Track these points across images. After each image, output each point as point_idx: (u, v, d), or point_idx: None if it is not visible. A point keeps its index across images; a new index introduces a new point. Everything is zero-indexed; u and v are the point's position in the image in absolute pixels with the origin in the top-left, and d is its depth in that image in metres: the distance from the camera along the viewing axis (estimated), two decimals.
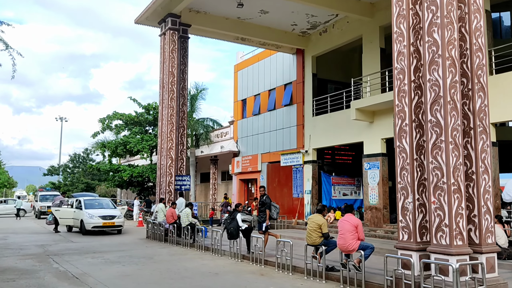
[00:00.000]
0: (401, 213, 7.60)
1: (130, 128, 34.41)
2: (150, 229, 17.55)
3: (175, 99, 18.01)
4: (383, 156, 17.45)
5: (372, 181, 17.69)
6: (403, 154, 7.63)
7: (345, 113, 19.16)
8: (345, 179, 21.68)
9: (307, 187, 21.21)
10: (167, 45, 18.18)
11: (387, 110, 16.94)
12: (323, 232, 9.10)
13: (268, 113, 24.47)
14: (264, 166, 24.51)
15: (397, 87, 7.83)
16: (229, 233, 11.88)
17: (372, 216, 17.56)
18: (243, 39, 21.29)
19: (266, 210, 12.02)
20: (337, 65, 22.87)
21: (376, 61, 17.96)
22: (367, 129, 18.00)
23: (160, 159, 18.22)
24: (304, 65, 22.09)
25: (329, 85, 22.65)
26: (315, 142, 20.90)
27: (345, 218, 8.46)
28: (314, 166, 21.05)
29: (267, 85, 24.80)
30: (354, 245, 8.19)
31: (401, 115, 7.74)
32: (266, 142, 24.36)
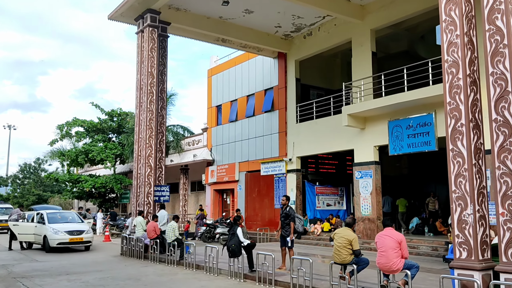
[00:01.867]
0: (457, 227, 6.63)
1: (92, 135, 32.22)
2: (126, 245, 15.84)
3: (154, 102, 16.50)
4: (376, 164, 16.68)
5: (365, 190, 16.86)
6: (459, 159, 6.69)
7: (333, 120, 18.32)
8: (329, 189, 20.81)
9: (290, 197, 20.11)
10: (145, 44, 16.68)
11: (380, 116, 16.24)
12: (354, 249, 7.99)
13: (246, 119, 23.29)
14: (242, 175, 23.25)
15: (449, 83, 6.91)
16: (230, 250, 10.54)
17: (365, 228, 16.69)
18: (223, 40, 20.09)
19: (291, 223, 10.78)
20: (319, 71, 22.12)
21: (368, 65, 17.24)
22: (358, 136, 17.19)
23: (137, 167, 16.59)
24: (286, 69, 21.14)
25: (311, 91, 21.82)
26: (299, 150, 19.92)
27: (385, 232, 7.39)
28: (298, 175, 20.03)
29: (245, 91, 23.66)
30: (399, 264, 7.12)
31: (454, 114, 6.81)
32: (244, 150, 23.15)
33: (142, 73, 16.76)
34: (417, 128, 15.12)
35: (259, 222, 21.50)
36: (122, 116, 32.13)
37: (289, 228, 10.93)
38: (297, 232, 11.15)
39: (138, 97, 17.00)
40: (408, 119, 15.34)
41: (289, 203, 11.36)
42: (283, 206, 11.27)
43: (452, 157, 6.78)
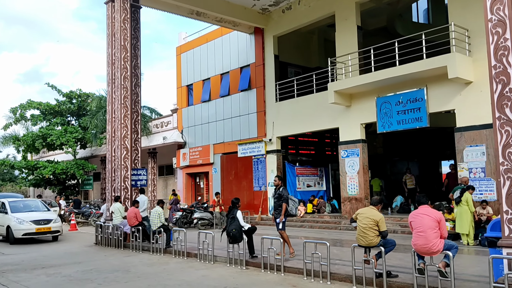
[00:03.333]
0: (506, 202, 6.06)
1: (49, 119, 30.12)
2: (102, 234, 14.61)
3: (128, 78, 15.17)
4: (363, 143, 16.19)
5: (351, 169, 16.36)
6: (508, 128, 6.09)
7: (317, 97, 17.66)
8: (308, 170, 20.23)
9: (271, 179, 19.40)
10: (117, 14, 15.25)
11: (367, 93, 15.72)
12: (382, 230, 7.31)
13: (221, 99, 22.23)
14: (217, 157, 22.27)
15: (494, 44, 6.28)
16: (231, 236, 9.65)
17: (352, 208, 16.22)
18: (198, 13, 18.84)
19: (283, 204, 9.93)
20: (296, 48, 21.33)
21: (353, 40, 16.60)
22: (343, 114, 16.61)
23: (111, 150, 15.28)
24: (264, 45, 20.19)
25: (289, 68, 21.05)
26: (280, 129, 19.16)
27: (421, 211, 6.73)
28: (278, 156, 19.31)
29: (218, 69, 22.54)
30: (439, 245, 6.50)
31: (501, 79, 6.19)
32: (219, 131, 22.13)
33: (114, 46, 15.35)
34: (407, 104, 14.67)
35: None
36: (83, 98, 30.21)
37: (281, 209, 10.11)
38: (290, 214, 10.35)
39: (110, 73, 15.60)
40: (398, 95, 14.87)
41: (281, 183, 10.51)
42: (276, 187, 10.43)
43: (499, 126, 6.18)
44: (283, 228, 10.19)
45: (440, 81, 13.79)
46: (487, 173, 12.87)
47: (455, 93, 13.62)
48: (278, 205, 10.21)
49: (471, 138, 13.21)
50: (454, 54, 12.86)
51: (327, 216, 17.56)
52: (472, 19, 13.45)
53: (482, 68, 13.08)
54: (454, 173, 16.08)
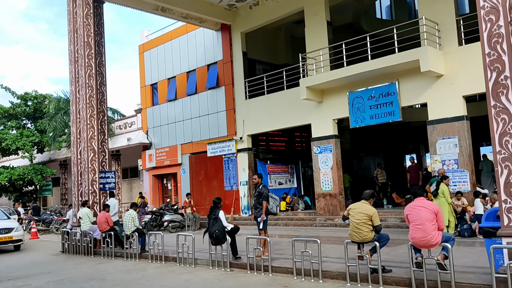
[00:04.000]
0: (504, 191, 6.00)
1: (4, 122, 28.54)
2: (69, 241, 13.82)
3: (93, 76, 14.44)
4: (335, 138, 16.13)
5: (325, 165, 16.28)
6: (504, 116, 6.04)
7: (287, 94, 17.48)
8: (279, 167, 20.05)
9: (242, 178, 19.08)
10: (79, 9, 14.48)
11: (339, 88, 15.68)
12: (376, 225, 7.13)
13: (187, 98, 21.66)
14: (185, 158, 21.71)
15: (487, 31, 6.21)
16: (214, 237, 9.25)
17: (326, 204, 16.15)
18: (163, 9, 18.25)
19: (264, 202, 9.60)
20: (263, 45, 21.06)
21: (323, 35, 16.51)
22: (315, 110, 16.50)
23: (76, 152, 14.49)
24: (231, 42, 19.81)
25: (257, 65, 20.75)
26: (250, 127, 18.85)
27: (418, 203, 6.59)
28: (250, 154, 18.99)
29: (184, 67, 21.97)
30: (438, 237, 6.38)
31: (496, 66, 6.14)
32: (187, 131, 21.58)
33: (77, 43, 14.57)
34: (379, 98, 14.73)
35: (208, 206, 20.02)
36: (39, 100, 28.79)
37: (261, 208, 9.78)
38: (271, 213, 10.01)
39: (73, 72, 14.80)
40: (370, 89, 14.91)
41: (261, 181, 10.20)
42: (256, 185, 10.11)
43: (495, 114, 6.12)
44: (265, 228, 9.89)
45: (412, 75, 13.89)
46: (460, 165, 13.06)
47: (427, 87, 13.75)
48: (258, 203, 9.88)
49: (444, 130, 13.37)
50: (426, 47, 12.97)
51: (301, 213, 17.42)
52: (440, 13, 13.62)
53: (452, 61, 13.28)
54: (414, 166, 16.45)
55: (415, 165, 16.70)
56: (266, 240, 9.49)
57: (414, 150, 29.81)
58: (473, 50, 12.91)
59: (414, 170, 16.17)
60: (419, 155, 30.00)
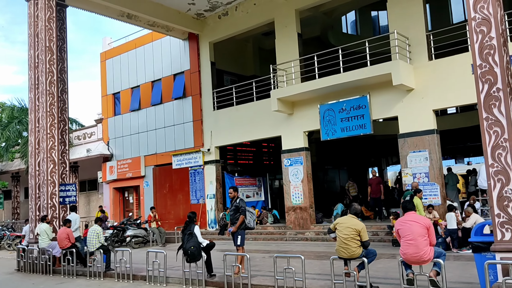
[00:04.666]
0: (498, 205, 5.90)
1: None
2: (25, 259, 12.83)
3: (54, 83, 13.63)
4: (306, 151, 15.97)
5: (295, 178, 16.06)
6: (497, 128, 5.96)
7: (257, 105, 17.23)
8: (247, 180, 19.67)
9: (210, 191, 18.56)
10: (41, 12, 13.69)
11: (310, 100, 15.58)
12: (364, 240, 6.88)
13: (152, 108, 20.99)
14: (149, 170, 20.95)
15: (478, 43, 6.15)
16: (189, 254, 8.73)
17: (297, 217, 15.89)
18: (129, 16, 17.65)
19: (241, 216, 9.22)
20: (231, 56, 20.81)
21: (293, 47, 16.41)
22: (286, 122, 16.31)
23: (34, 163, 13.58)
24: (199, 52, 19.40)
25: (225, 76, 20.44)
26: (218, 139, 18.41)
27: (409, 218, 6.39)
28: (217, 167, 18.52)
29: (149, 76, 21.32)
30: (430, 253, 6.19)
31: (488, 78, 6.06)
32: (151, 142, 20.86)
33: (38, 47, 13.75)
34: (351, 111, 14.71)
35: (173, 221, 19.52)
36: None
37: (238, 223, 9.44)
38: (248, 227, 9.67)
39: (33, 78, 13.94)
40: (341, 102, 14.88)
41: (238, 195, 9.82)
42: (232, 199, 9.73)
43: (487, 127, 6.04)
44: (242, 243, 9.49)
45: (383, 89, 13.95)
46: (430, 178, 13.15)
47: (398, 100, 13.84)
48: (235, 218, 9.51)
49: (414, 144, 13.46)
50: (398, 61, 13.06)
51: (271, 227, 17.07)
52: (411, 29, 13.79)
53: (423, 76, 13.45)
54: (375, 179, 16.21)
55: (376, 178, 16.44)
56: (243, 257, 9.11)
57: (376, 163, 30.31)
58: (442, 65, 13.16)
59: (375, 183, 16.03)
60: (381, 168, 30.52)
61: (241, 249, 9.52)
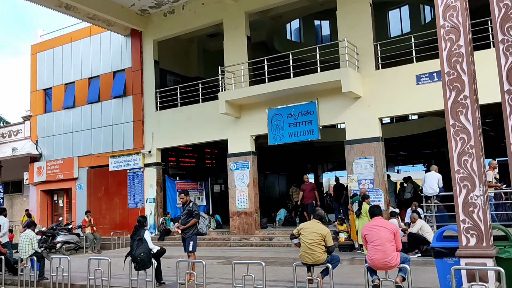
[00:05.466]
0: (463, 211, 5.97)
1: None
2: None
3: None
4: (253, 155, 15.76)
5: (241, 183, 15.79)
6: (463, 135, 6.05)
7: (203, 107, 16.82)
8: (189, 184, 19.09)
9: (149, 195, 17.79)
10: None
11: (258, 104, 15.45)
12: (329, 245, 6.73)
13: (88, 106, 19.81)
14: (82, 172, 19.72)
15: (447, 50, 6.22)
16: (139, 261, 8.14)
17: (241, 223, 15.62)
18: (67, 7, 16.53)
19: (193, 219, 8.81)
20: (175, 56, 20.24)
21: (242, 50, 16.19)
22: (233, 125, 16.02)
23: None
24: (142, 50, 18.62)
25: (168, 76, 19.79)
26: (160, 141, 17.72)
27: (376, 223, 6.32)
28: (158, 170, 17.81)
29: (86, 72, 20.13)
30: (397, 258, 6.16)
31: (455, 86, 6.14)
32: (86, 142, 19.66)
33: None
34: (299, 116, 14.74)
35: (108, 226, 18.50)
36: None
37: (191, 228, 9.05)
38: (200, 233, 9.30)
39: None
40: (289, 107, 14.88)
41: (190, 200, 9.42)
42: (184, 203, 9.32)
43: (453, 133, 6.11)
44: (194, 249, 9.07)
45: (331, 95, 14.11)
46: (375, 184, 13.44)
47: (345, 107, 14.05)
48: (187, 222, 9.08)
49: (360, 150, 13.71)
50: (348, 68, 13.26)
51: (214, 232, 16.63)
52: (358, 38, 14.07)
53: (369, 84, 13.76)
54: (309, 185, 15.87)
55: (309, 183, 16.09)
56: (195, 264, 8.70)
57: (313, 169, 30.88)
58: (388, 75, 13.55)
59: (308, 189, 15.54)
60: (317, 174, 31.15)
61: (193, 256, 9.11)
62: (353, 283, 7.83)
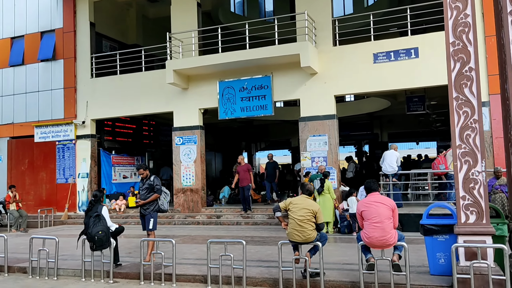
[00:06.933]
0: (463, 187, 5.78)
1: None
2: None
3: None
4: (201, 129, 14.95)
5: (187, 158, 14.95)
6: (467, 109, 5.82)
7: (146, 76, 15.66)
8: (125, 158, 17.84)
9: (82, 169, 16.32)
10: None
11: (207, 76, 14.65)
12: (319, 222, 6.27)
13: (10, 69, 17.61)
14: (2, 142, 17.61)
15: (453, 19, 5.92)
16: (96, 240, 7.14)
17: (186, 200, 14.83)
18: None
19: (154, 194, 7.96)
20: (111, 20, 18.55)
21: (192, 17, 15.12)
22: (179, 97, 15.04)
23: None
24: (76, 9, 16.80)
25: (104, 41, 18.13)
26: (96, 111, 16.24)
27: (374, 199, 5.93)
28: (93, 142, 16.35)
29: (8, 31, 17.83)
30: (395, 236, 5.84)
31: (460, 56, 5.88)
32: (7, 109, 17.53)
33: None
34: (252, 90, 14.14)
35: (32, 202, 16.74)
36: None
37: (152, 204, 8.19)
38: (161, 210, 8.45)
39: None
40: (242, 80, 14.22)
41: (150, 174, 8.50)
42: (144, 178, 8.39)
43: (456, 107, 5.87)
44: (154, 228, 8.23)
45: (286, 70, 13.66)
46: (328, 162, 13.28)
47: (300, 83, 13.66)
48: (147, 198, 8.20)
49: (315, 128, 13.44)
50: (307, 42, 12.82)
51: None
52: (315, 13, 13.65)
53: (326, 60, 13.45)
54: (244, 165, 14.45)
55: (245, 165, 14.54)
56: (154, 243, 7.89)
57: (247, 148, 30.54)
58: (346, 52, 13.32)
59: (243, 170, 14.12)
60: (250, 153, 30.90)
61: (153, 234, 8.27)
62: (341, 262, 7.50)
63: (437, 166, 10.96)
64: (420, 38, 12.53)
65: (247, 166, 14.34)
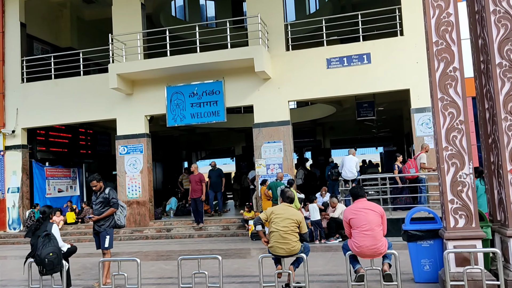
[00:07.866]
0: (451, 190, 5.59)
1: None
2: None
3: None
4: (147, 137, 14.06)
5: (133, 168, 13.97)
6: (452, 110, 5.65)
7: (85, 81, 14.57)
8: (60, 170, 16.46)
9: (12, 183, 14.79)
10: None
11: (153, 81, 13.93)
12: (303, 232, 5.81)
13: None
14: None
15: (435, 18, 5.75)
16: (46, 263, 6.17)
17: (133, 214, 13.82)
18: None
19: (111, 209, 7.13)
20: (44, 21, 17.16)
21: (136, 18, 14.28)
22: (123, 103, 14.09)
23: None
24: (4, 8, 15.30)
25: (35, 43, 16.67)
26: (28, 119, 14.82)
27: (363, 205, 5.55)
28: (24, 153, 14.88)
29: None
30: (386, 244, 5.52)
31: (444, 56, 5.71)
32: None
33: None
34: (203, 96, 13.53)
35: None
36: None
37: (107, 220, 7.37)
38: (118, 225, 7.61)
39: None
40: (192, 85, 13.60)
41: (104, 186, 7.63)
42: (98, 191, 7.51)
43: (442, 108, 5.69)
44: (111, 246, 7.39)
45: (238, 75, 13.25)
46: (284, 169, 12.97)
47: (254, 89, 13.29)
48: (102, 213, 7.35)
49: (269, 134, 13.09)
50: (261, 46, 12.48)
51: None
52: (267, 17, 13.35)
53: (280, 66, 13.20)
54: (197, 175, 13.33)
55: (198, 174, 13.35)
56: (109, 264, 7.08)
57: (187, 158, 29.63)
58: (299, 56, 13.12)
59: (195, 181, 13.16)
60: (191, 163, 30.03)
61: (108, 253, 7.42)
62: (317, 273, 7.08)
63: (408, 170, 10.98)
64: (372, 44, 12.62)
65: (199, 176, 13.34)
